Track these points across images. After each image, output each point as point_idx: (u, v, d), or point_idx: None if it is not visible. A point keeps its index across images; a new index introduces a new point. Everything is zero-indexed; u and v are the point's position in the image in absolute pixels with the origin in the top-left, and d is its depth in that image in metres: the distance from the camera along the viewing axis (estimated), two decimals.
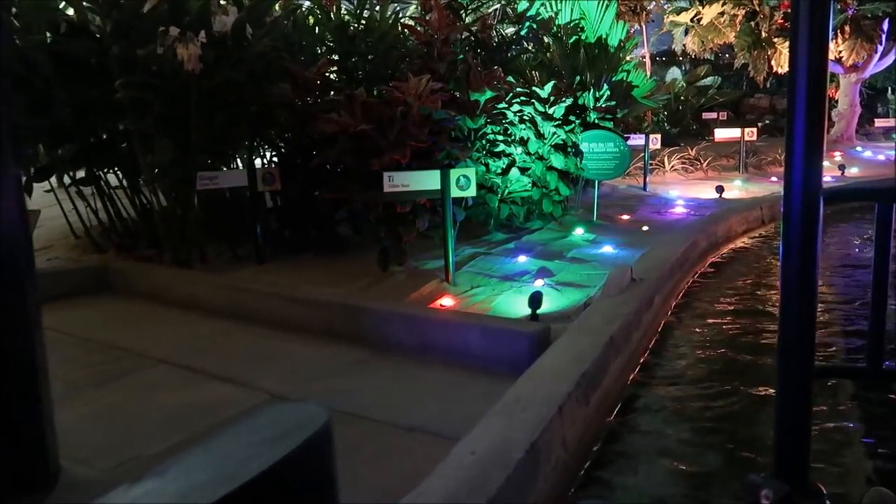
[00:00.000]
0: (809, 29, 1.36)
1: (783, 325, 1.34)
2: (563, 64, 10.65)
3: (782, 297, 1.33)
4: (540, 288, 5.53)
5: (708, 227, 8.13)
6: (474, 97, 6.30)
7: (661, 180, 12.57)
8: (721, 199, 10.47)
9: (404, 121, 5.45)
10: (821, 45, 1.38)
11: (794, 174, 1.32)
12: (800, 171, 1.32)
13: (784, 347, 1.34)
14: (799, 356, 1.33)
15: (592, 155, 8.34)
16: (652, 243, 7.10)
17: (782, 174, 1.42)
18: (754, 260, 7.96)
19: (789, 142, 1.33)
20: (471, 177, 5.41)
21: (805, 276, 1.31)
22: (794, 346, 1.33)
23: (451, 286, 5.48)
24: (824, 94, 1.36)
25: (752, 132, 13.37)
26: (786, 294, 1.34)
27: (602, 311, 4.53)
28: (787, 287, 1.34)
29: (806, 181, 1.31)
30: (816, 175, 1.33)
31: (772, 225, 9.64)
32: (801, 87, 1.35)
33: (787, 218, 1.32)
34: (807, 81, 1.34)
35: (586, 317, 4.41)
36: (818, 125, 1.33)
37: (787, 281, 1.34)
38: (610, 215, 8.98)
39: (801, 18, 1.38)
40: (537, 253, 6.75)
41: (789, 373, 1.34)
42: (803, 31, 1.37)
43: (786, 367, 1.35)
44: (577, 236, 7.58)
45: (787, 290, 1.34)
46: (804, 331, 1.33)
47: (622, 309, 4.55)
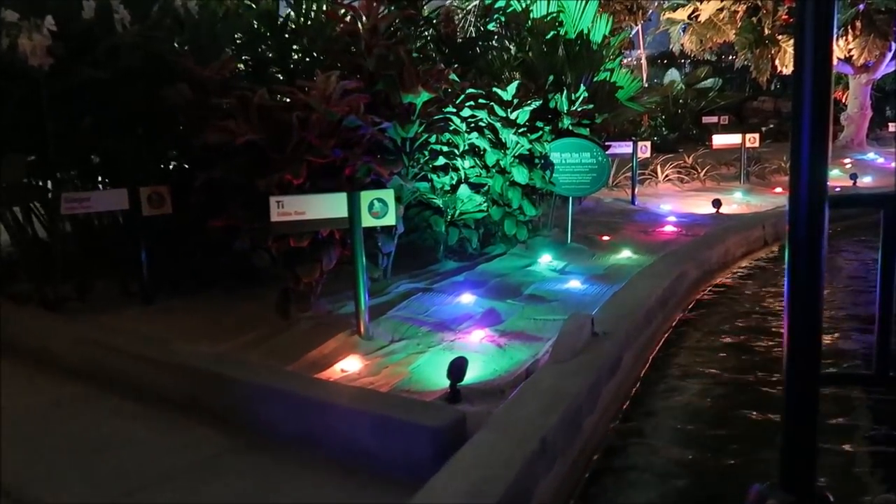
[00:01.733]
0: (815, 25, 1.25)
1: (789, 331, 1.30)
2: (539, 62, 9.47)
3: (788, 304, 1.29)
4: (479, 342, 4.34)
5: (700, 252, 6.92)
6: (407, 99, 5.13)
7: (652, 192, 11.36)
8: (718, 214, 9.26)
9: (303, 130, 4.28)
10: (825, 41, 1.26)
11: (801, 179, 1.26)
12: (805, 175, 1.26)
13: (790, 355, 1.31)
14: (805, 363, 1.30)
15: (565, 167, 7.15)
16: (631, 275, 5.90)
17: (787, 184, 1.38)
18: (754, 293, 6.74)
19: (795, 145, 1.28)
20: (388, 200, 4.23)
21: (811, 282, 1.28)
22: (800, 352, 1.30)
23: (365, 340, 4.29)
24: (829, 93, 1.27)
25: (754, 138, 12.14)
26: (792, 300, 1.30)
27: (542, 389, 3.33)
28: (793, 293, 1.30)
29: (811, 186, 1.26)
30: (822, 180, 1.27)
31: (776, 246, 8.42)
32: (807, 87, 1.27)
33: (794, 223, 1.28)
34: (812, 80, 1.27)
35: (517, 401, 3.21)
36: (823, 127, 1.27)
37: (793, 287, 1.30)
38: (588, 236, 7.78)
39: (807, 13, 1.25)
40: (490, 288, 5.56)
41: (796, 380, 1.31)
42: (809, 27, 1.26)
43: (792, 374, 1.31)
44: (544, 265, 6.38)
45: (792, 297, 1.30)
46: (810, 337, 1.30)
47: (570, 386, 3.35)
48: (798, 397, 1.33)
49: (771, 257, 8.00)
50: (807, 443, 1.34)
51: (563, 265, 6.42)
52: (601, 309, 4.67)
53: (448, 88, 6.00)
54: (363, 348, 4.21)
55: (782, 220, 9.36)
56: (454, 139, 5.44)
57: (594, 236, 7.78)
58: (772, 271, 7.43)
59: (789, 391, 1.34)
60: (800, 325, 1.31)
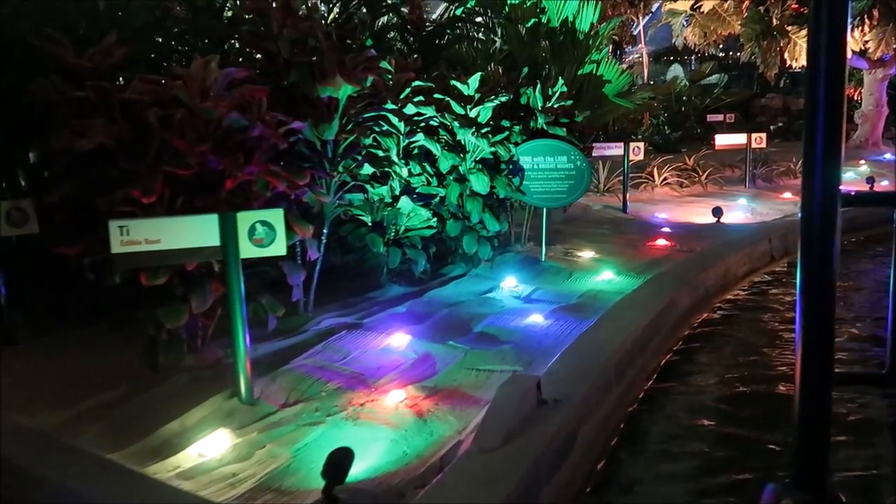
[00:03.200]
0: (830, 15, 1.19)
1: (803, 332, 1.27)
2: (518, 53, 8.46)
3: (801, 304, 1.25)
4: (397, 406, 3.35)
5: (695, 272, 5.90)
6: (325, 93, 4.13)
7: (648, 197, 10.32)
8: (719, 224, 8.22)
9: (167, 131, 3.29)
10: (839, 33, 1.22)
11: (814, 176, 1.25)
12: (819, 173, 1.24)
13: (803, 354, 1.27)
14: (819, 363, 1.28)
15: (537, 173, 6.14)
16: (609, 305, 4.90)
17: (797, 187, 1.44)
18: (756, 327, 5.71)
19: (808, 143, 1.26)
20: (275, 224, 3.24)
21: (824, 282, 1.25)
22: (813, 352, 1.28)
23: (246, 405, 3.30)
24: (843, 87, 1.24)
25: (761, 138, 11.08)
26: (805, 300, 1.26)
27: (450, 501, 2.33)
28: (806, 293, 1.27)
29: (825, 184, 1.23)
30: (835, 178, 1.25)
31: (785, 262, 7.38)
32: (820, 82, 1.21)
33: (806, 221, 1.26)
34: (826, 74, 1.21)
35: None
36: (836, 124, 1.24)
37: (806, 287, 1.26)
38: (568, 251, 6.77)
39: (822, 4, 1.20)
40: (434, 323, 4.56)
41: (809, 380, 1.29)
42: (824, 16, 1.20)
43: (806, 374, 1.28)
44: (507, 290, 5.38)
45: (805, 296, 1.27)
46: (824, 337, 1.28)
47: (491, 495, 2.35)
48: (811, 397, 1.31)
49: (778, 277, 6.96)
50: (820, 443, 1.32)
51: (531, 290, 5.40)
52: (558, 361, 3.66)
53: (392, 79, 5.00)
54: (240, 418, 3.22)
55: (792, 231, 8.31)
56: (385, 141, 4.43)
57: (575, 252, 6.76)
58: (778, 296, 6.40)
59: (803, 391, 1.31)
60: (813, 326, 1.28)
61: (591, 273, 5.94)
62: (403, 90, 5.05)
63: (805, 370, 1.31)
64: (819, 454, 1.34)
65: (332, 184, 4.46)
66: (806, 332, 1.30)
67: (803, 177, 1.27)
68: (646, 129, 19.20)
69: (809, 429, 1.34)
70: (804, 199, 1.27)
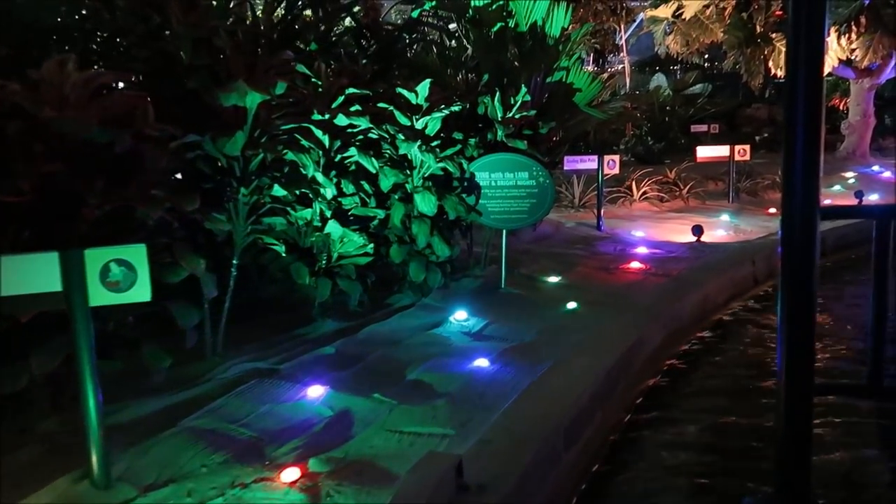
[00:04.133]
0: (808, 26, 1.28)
1: (784, 343, 1.31)
2: (483, 60, 7.88)
3: (782, 315, 1.30)
4: (288, 488, 2.71)
5: (669, 302, 5.30)
6: (229, 101, 3.50)
7: (626, 213, 9.73)
8: (699, 244, 7.64)
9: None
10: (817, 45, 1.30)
11: (794, 191, 1.28)
12: (799, 187, 1.27)
13: (785, 365, 1.30)
14: (800, 374, 1.29)
15: (495, 191, 5.53)
16: (569, 342, 4.28)
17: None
18: (737, 364, 5.11)
19: (787, 157, 1.29)
20: (136, 263, 2.60)
21: (804, 293, 1.29)
22: (794, 363, 1.29)
23: (100, 489, 2.65)
24: (820, 97, 1.30)
25: (744, 150, 10.54)
26: (786, 312, 1.30)
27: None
28: (787, 305, 1.31)
29: (804, 198, 1.27)
30: (814, 192, 1.28)
31: (769, 285, 6.80)
32: (800, 95, 1.27)
33: (786, 235, 1.30)
34: (805, 88, 1.27)
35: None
36: (815, 138, 1.28)
37: (787, 299, 1.30)
38: (533, 276, 6.16)
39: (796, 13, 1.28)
40: (363, 369, 3.93)
41: (791, 390, 1.30)
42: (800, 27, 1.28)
43: (787, 385, 1.30)
44: (457, 325, 4.75)
45: (786, 308, 1.31)
46: (804, 348, 1.30)
47: None
48: (792, 407, 1.32)
49: (761, 303, 6.36)
50: (801, 452, 1.33)
51: (484, 324, 4.78)
52: (494, 426, 3.03)
53: (321, 85, 4.38)
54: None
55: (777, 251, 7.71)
56: (301, 158, 3.80)
57: (540, 276, 6.14)
58: (762, 325, 5.80)
59: (784, 401, 1.33)
60: (794, 337, 1.30)
61: (554, 303, 5.32)
62: (336, 98, 4.43)
63: (787, 380, 1.32)
64: (801, 463, 1.33)
65: (242, 207, 3.82)
66: (787, 343, 1.31)
67: (783, 191, 1.27)
68: (628, 140, 18.71)
69: (791, 438, 1.33)
70: (784, 213, 1.28)
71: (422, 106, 5.03)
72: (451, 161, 4.94)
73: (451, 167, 4.93)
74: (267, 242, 3.80)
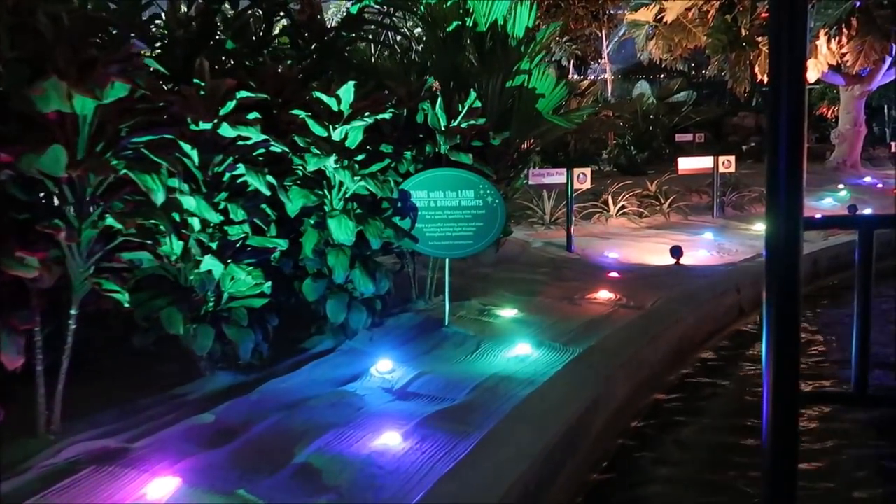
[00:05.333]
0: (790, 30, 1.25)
1: (768, 351, 1.29)
2: (437, 62, 7.09)
3: (766, 324, 1.27)
4: None
5: (638, 343, 4.49)
6: (48, 106, 2.67)
7: (601, 230, 8.93)
8: (678, 266, 6.85)
9: None
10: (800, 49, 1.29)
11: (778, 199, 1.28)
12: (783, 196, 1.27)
13: (769, 374, 1.29)
14: (785, 383, 1.29)
15: (435, 213, 4.71)
16: (507, 407, 3.45)
17: None
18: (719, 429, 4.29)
19: (771, 164, 1.30)
20: None
21: (788, 302, 1.28)
22: (779, 372, 1.29)
23: None
24: (803, 108, 1.30)
25: (729, 161, 9.78)
26: (769, 320, 1.29)
27: None
28: (772, 313, 1.29)
29: (788, 206, 1.27)
30: (798, 200, 1.28)
31: (757, 315, 6.00)
32: (783, 102, 1.27)
33: (771, 244, 1.30)
34: (788, 94, 1.27)
35: None
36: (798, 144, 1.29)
37: (772, 307, 1.29)
38: (486, 309, 5.33)
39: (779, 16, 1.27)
40: (240, 446, 3.07)
41: (775, 399, 1.29)
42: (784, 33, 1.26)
43: (772, 394, 1.30)
44: (377, 378, 3.91)
45: (770, 317, 1.29)
46: (789, 357, 1.30)
47: None
48: (778, 417, 1.32)
49: (747, 339, 5.54)
50: (788, 462, 1.34)
51: (412, 377, 3.94)
52: None
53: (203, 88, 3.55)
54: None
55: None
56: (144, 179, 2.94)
57: (493, 309, 5.31)
58: (748, 369, 4.98)
59: (769, 411, 1.33)
60: (778, 346, 1.29)
61: (503, 345, 4.49)
62: (224, 104, 3.60)
63: (772, 389, 1.30)
64: (787, 472, 1.33)
65: (84, 241, 2.97)
66: (771, 353, 1.30)
67: (767, 199, 1.27)
68: (611, 150, 17.98)
69: (777, 447, 1.33)
70: (768, 222, 1.28)
71: (342, 113, 4.22)
72: (375, 179, 4.11)
73: (374, 186, 4.09)
74: (106, 289, 2.94)
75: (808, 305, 6.48)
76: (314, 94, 4.25)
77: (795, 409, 1.33)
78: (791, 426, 1.32)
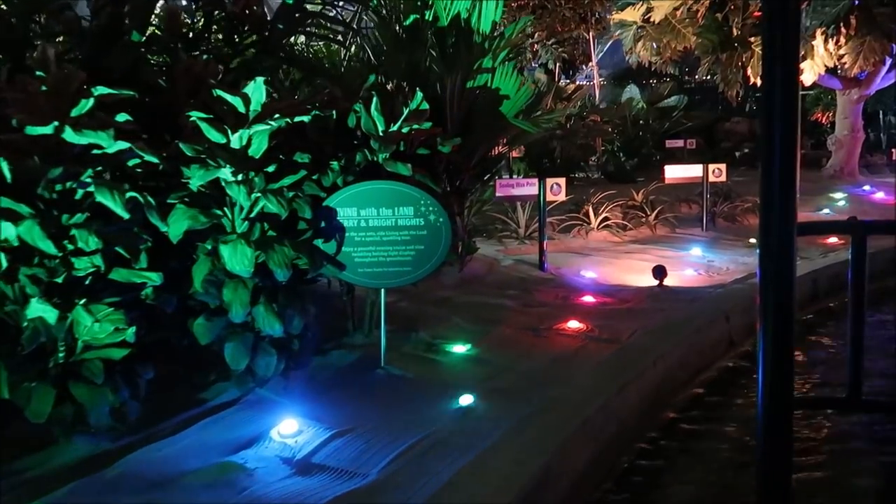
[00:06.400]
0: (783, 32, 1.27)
1: (762, 357, 1.30)
2: (392, 60, 6.36)
3: (760, 330, 1.29)
4: None
5: (608, 390, 3.73)
6: None
7: (581, 245, 8.19)
8: (661, 288, 6.11)
9: None
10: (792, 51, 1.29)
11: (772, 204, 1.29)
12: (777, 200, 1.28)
13: (763, 379, 1.30)
14: (779, 388, 1.29)
15: (366, 235, 3.96)
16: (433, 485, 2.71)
17: None
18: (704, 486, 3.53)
19: (765, 169, 1.30)
20: None
21: (782, 307, 1.28)
22: (773, 377, 1.29)
23: None
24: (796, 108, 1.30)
25: (720, 170, 9.06)
26: (764, 326, 1.30)
27: None
28: (766, 319, 1.30)
29: (782, 210, 1.27)
30: (792, 204, 1.29)
31: (749, 345, 5.25)
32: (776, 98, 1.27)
33: (764, 250, 1.31)
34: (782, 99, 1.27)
35: None
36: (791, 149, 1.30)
37: (765, 313, 1.30)
38: (432, 344, 4.59)
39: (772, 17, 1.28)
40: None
41: (770, 404, 1.29)
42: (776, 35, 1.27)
43: (767, 399, 1.30)
44: (276, 444, 3.16)
45: (765, 322, 1.30)
46: (783, 363, 1.30)
47: None
48: (772, 421, 1.30)
49: (738, 379, 4.78)
50: (782, 465, 1.31)
51: (321, 441, 3.18)
52: None
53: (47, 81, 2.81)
54: None
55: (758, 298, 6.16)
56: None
57: (443, 344, 4.57)
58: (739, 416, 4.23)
59: (763, 416, 1.30)
60: (772, 351, 1.27)
61: (445, 393, 3.73)
62: (77, 102, 2.85)
63: (766, 395, 1.30)
64: (782, 477, 1.32)
65: None
66: (765, 358, 1.29)
67: (761, 203, 1.28)
68: (599, 157, 17.30)
69: (771, 452, 1.32)
70: (762, 226, 1.29)
71: (247, 115, 3.48)
72: (278, 196, 3.36)
73: (275, 204, 3.34)
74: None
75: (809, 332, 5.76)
76: (215, 93, 3.52)
77: (790, 414, 1.31)
78: (785, 431, 1.31)
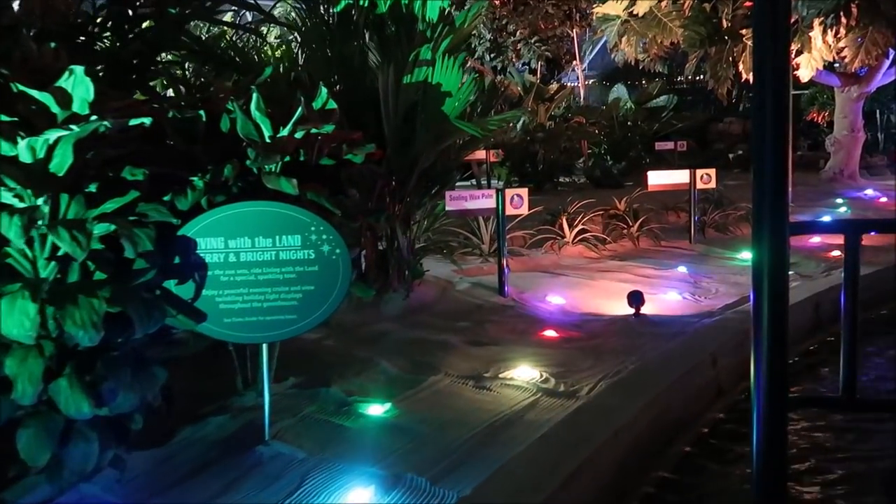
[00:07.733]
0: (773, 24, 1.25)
1: (756, 357, 1.29)
2: (318, 53, 5.44)
3: (754, 330, 1.29)
4: None
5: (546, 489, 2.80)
6: None
7: (552, 262, 7.25)
8: (638, 318, 5.19)
9: None
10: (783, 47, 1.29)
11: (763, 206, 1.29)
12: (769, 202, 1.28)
13: (758, 380, 1.28)
14: (773, 388, 1.27)
15: (235, 274, 3.02)
16: None
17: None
18: None
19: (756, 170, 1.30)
20: None
21: (776, 307, 1.27)
22: (767, 378, 1.27)
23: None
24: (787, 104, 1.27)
25: (709, 175, 8.12)
26: (758, 326, 1.29)
27: None
28: (759, 319, 1.29)
29: (774, 210, 1.27)
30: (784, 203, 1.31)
31: (741, 390, 4.32)
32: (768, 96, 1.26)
33: (758, 251, 1.30)
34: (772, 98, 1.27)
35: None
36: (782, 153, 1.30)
37: (759, 313, 1.29)
38: (343, 402, 3.65)
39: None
40: None
41: (764, 404, 1.27)
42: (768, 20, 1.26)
43: (761, 399, 1.28)
44: None
45: (759, 323, 1.29)
46: (777, 363, 1.28)
47: None
48: (767, 421, 1.29)
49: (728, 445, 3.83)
50: (777, 464, 1.31)
51: None
52: None
53: None
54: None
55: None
56: None
57: (358, 403, 3.63)
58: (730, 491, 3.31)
59: (758, 415, 1.30)
60: (766, 350, 1.27)
61: (339, 482, 2.81)
62: None
63: (760, 394, 1.32)
64: (777, 476, 1.34)
65: None
66: (759, 358, 1.32)
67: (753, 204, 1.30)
68: (585, 161, 16.39)
69: (766, 452, 1.33)
70: (755, 226, 1.33)
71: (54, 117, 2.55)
72: (75, 230, 2.41)
73: (66, 242, 2.39)
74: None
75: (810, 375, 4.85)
76: (14, 87, 2.59)
77: (784, 413, 1.36)
78: (780, 430, 1.35)
